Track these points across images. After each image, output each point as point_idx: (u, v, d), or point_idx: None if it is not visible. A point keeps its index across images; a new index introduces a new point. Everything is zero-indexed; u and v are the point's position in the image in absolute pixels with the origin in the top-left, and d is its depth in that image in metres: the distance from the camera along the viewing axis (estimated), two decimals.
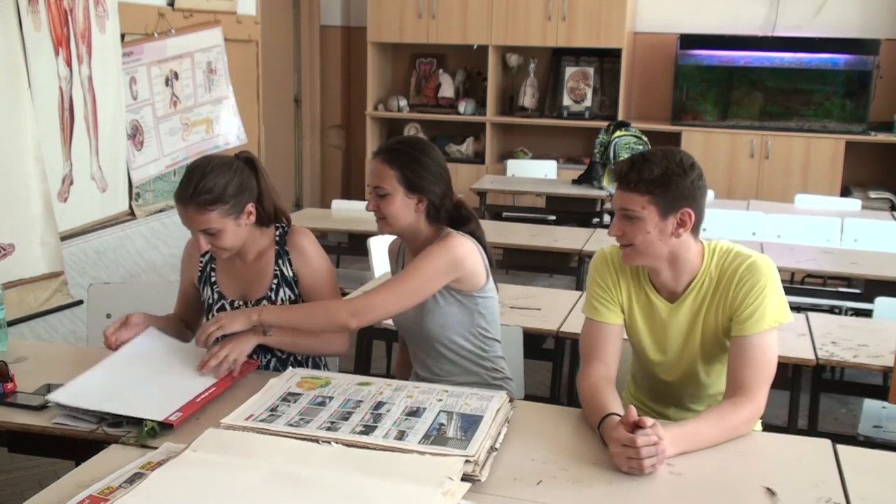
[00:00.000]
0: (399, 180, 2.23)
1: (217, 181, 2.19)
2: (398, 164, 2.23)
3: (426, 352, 2.38)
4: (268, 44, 6.05)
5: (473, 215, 2.38)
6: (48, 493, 1.60)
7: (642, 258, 2.02)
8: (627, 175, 1.96)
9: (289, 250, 2.37)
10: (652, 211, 1.94)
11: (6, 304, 2.55)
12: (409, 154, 2.25)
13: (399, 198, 2.24)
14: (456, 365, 2.36)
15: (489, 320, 2.36)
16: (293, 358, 2.41)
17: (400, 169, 2.23)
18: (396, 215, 2.26)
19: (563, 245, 4.16)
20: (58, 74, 3.78)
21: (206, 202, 2.18)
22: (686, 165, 1.96)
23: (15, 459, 3.26)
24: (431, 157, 2.28)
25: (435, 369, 2.38)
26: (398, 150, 2.27)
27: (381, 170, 2.24)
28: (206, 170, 2.20)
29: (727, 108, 6.57)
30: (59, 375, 2.17)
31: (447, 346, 2.34)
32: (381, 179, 2.24)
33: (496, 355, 2.41)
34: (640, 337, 2.13)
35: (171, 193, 4.79)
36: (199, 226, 2.21)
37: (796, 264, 3.84)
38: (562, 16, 6.48)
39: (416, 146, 2.29)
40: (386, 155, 2.26)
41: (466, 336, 2.34)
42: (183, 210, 2.21)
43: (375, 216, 2.29)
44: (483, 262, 2.29)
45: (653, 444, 1.68)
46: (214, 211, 2.19)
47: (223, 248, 2.25)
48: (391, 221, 2.27)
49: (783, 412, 2.87)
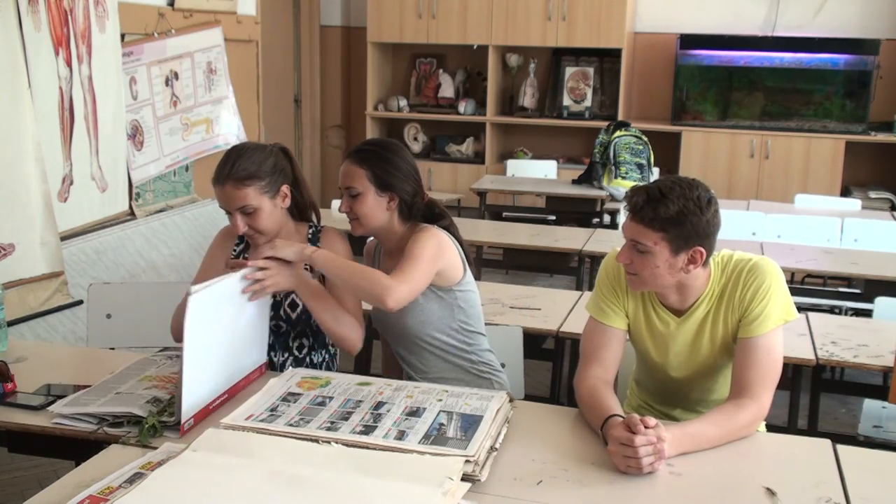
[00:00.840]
0: (370, 179, 2.27)
1: (253, 159, 2.24)
2: (368, 163, 2.28)
3: (408, 349, 2.40)
4: (268, 44, 6.05)
5: (446, 213, 2.42)
6: (48, 493, 1.60)
7: (647, 287, 2.01)
8: (642, 210, 1.90)
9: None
10: (664, 247, 1.91)
11: (6, 304, 2.55)
12: (378, 153, 2.30)
13: (371, 197, 2.27)
14: (442, 360, 2.38)
15: (470, 314, 2.38)
16: (309, 359, 2.42)
17: (370, 168, 2.27)
18: (369, 215, 2.29)
19: (563, 245, 4.16)
20: (58, 74, 3.78)
21: (242, 177, 2.22)
22: (703, 203, 1.90)
23: (15, 459, 3.26)
24: (400, 156, 2.33)
25: (420, 365, 2.40)
26: (367, 150, 2.32)
27: (352, 170, 2.28)
28: (242, 150, 2.27)
29: (727, 108, 6.57)
30: (59, 375, 2.17)
31: (428, 342, 2.36)
32: (351, 179, 2.28)
33: (482, 349, 2.42)
34: (645, 346, 2.12)
35: (171, 193, 4.79)
36: (237, 202, 2.23)
37: (796, 264, 3.84)
38: (562, 16, 6.48)
39: (385, 146, 2.34)
40: (356, 156, 2.30)
41: (447, 331, 2.36)
42: (220, 190, 2.23)
43: (348, 217, 2.32)
44: (460, 256, 2.33)
45: (651, 445, 1.68)
46: (251, 187, 2.23)
47: (259, 229, 2.27)
48: (364, 221, 2.30)
49: (783, 412, 2.87)
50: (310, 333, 2.41)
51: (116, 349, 2.72)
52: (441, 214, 2.39)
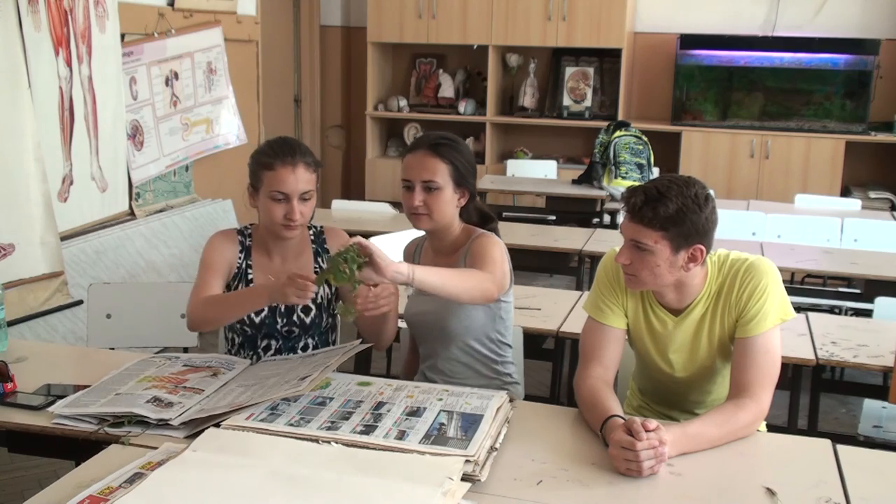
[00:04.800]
0: (450, 174, 2.22)
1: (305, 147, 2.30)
2: (449, 157, 2.21)
3: (441, 354, 2.34)
4: (268, 44, 6.05)
5: (493, 214, 2.39)
6: (48, 493, 1.60)
7: (646, 287, 2.00)
8: (641, 210, 1.90)
9: (329, 249, 2.39)
10: (664, 246, 1.91)
11: (6, 304, 2.55)
12: (456, 148, 2.25)
13: (448, 192, 2.22)
14: (469, 368, 2.34)
15: (507, 325, 2.35)
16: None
17: (451, 162, 2.21)
18: (443, 210, 2.23)
19: (563, 245, 4.16)
20: (58, 74, 3.78)
21: (314, 163, 2.26)
22: (701, 200, 1.91)
23: (15, 459, 3.26)
24: (470, 152, 2.30)
25: (446, 370, 2.34)
26: (446, 143, 2.24)
27: (433, 163, 2.21)
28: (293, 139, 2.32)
29: (727, 108, 6.58)
30: (59, 375, 2.17)
31: (464, 349, 2.32)
32: (433, 173, 2.20)
33: (507, 360, 2.39)
34: (645, 345, 2.12)
35: (171, 193, 4.79)
36: (307, 186, 2.23)
37: (796, 264, 3.84)
38: (562, 16, 6.48)
39: (458, 141, 2.29)
40: (436, 149, 2.22)
41: (483, 340, 2.32)
42: (291, 171, 2.21)
43: (415, 211, 2.24)
44: (510, 265, 2.29)
45: (652, 448, 1.68)
46: (316, 173, 2.27)
47: (307, 217, 2.27)
48: (436, 216, 2.23)
49: (783, 412, 2.87)
50: (316, 335, 2.41)
51: (116, 349, 2.72)
52: (490, 216, 2.37)
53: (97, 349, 2.73)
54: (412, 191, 2.22)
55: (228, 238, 2.37)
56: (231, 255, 2.34)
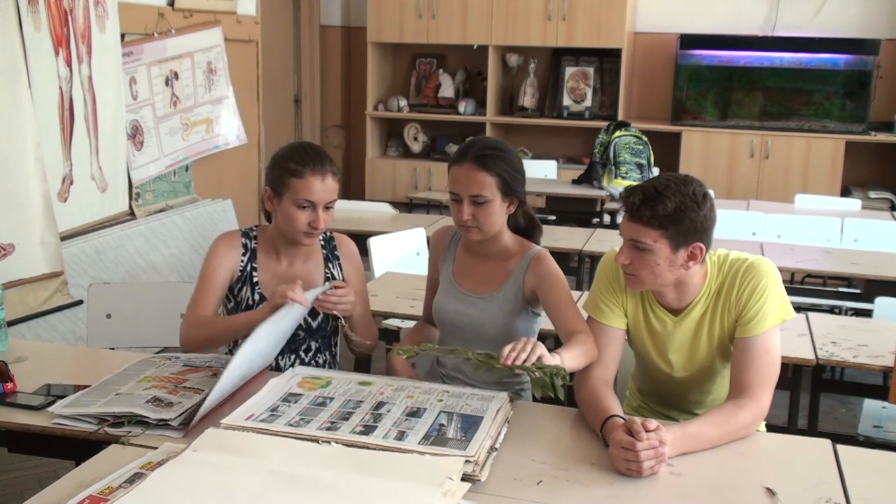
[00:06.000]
0: (498, 186, 2.17)
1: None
2: (497, 169, 2.16)
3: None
4: (268, 44, 6.05)
5: (538, 221, 2.37)
6: (48, 493, 1.60)
7: (646, 286, 2.00)
8: (640, 209, 1.90)
9: (339, 255, 2.41)
10: (664, 244, 1.91)
11: (6, 304, 2.55)
12: (503, 157, 2.18)
13: (497, 204, 2.18)
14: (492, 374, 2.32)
15: (535, 335, 2.33)
16: (314, 362, 2.42)
17: (498, 174, 2.16)
18: (493, 221, 2.19)
19: (563, 245, 4.15)
20: (58, 74, 3.78)
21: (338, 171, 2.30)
22: (699, 198, 1.90)
23: (15, 459, 3.26)
24: (518, 158, 2.24)
25: (469, 372, 2.29)
26: (492, 154, 2.17)
27: (481, 177, 2.15)
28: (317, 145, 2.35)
29: (727, 108, 6.58)
30: (59, 375, 2.17)
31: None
32: (481, 188, 2.15)
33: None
34: (644, 345, 2.12)
35: (171, 193, 4.79)
36: (333, 195, 2.26)
37: (796, 264, 3.84)
38: (562, 16, 6.49)
39: (506, 149, 2.22)
40: (482, 161, 2.16)
41: None
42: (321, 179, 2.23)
43: (464, 224, 2.19)
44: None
45: (653, 449, 1.68)
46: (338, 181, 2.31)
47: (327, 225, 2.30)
48: (486, 228, 2.19)
49: (783, 412, 2.87)
50: (319, 337, 2.41)
51: (116, 349, 2.72)
52: (536, 224, 2.34)
53: (97, 349, 2.73)
54: (460, 203, 2.18)
55: (232, 243, 2.36)
56: (233, 262, 2.34)
